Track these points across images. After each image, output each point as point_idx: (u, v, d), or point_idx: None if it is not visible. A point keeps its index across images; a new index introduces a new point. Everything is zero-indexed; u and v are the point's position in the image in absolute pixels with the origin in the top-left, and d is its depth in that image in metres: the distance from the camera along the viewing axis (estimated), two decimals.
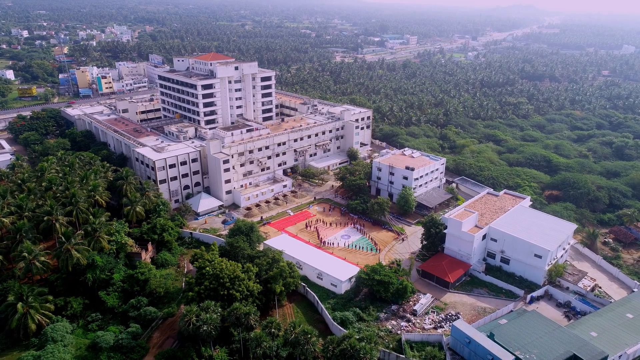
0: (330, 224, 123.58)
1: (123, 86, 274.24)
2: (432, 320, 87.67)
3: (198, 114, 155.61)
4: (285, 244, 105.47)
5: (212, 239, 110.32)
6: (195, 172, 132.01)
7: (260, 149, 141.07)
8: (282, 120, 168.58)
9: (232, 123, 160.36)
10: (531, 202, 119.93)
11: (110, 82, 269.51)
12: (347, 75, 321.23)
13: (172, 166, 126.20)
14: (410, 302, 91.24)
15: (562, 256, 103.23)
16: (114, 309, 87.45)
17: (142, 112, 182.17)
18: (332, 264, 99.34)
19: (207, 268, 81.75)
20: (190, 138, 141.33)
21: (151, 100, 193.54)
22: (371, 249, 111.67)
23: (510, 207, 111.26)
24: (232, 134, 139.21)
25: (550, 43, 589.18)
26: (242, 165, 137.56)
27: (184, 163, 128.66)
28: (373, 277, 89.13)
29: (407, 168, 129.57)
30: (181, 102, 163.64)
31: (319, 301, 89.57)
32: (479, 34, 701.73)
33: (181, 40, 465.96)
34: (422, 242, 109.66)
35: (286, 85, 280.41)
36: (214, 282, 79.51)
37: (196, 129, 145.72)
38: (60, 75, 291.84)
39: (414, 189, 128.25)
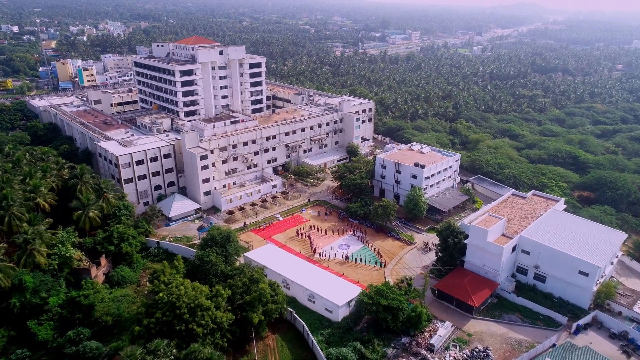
0: (326, 231, 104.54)
1: (107, 79, 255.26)
2: (454, 357, 68.45)
3: (177, 104, 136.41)
4: (270, 256, 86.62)
5: (183, 250, 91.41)
6: (169, 170, 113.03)
7: (245, 144, 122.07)
8: (273, 112, 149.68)
9: (217, 115, 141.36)
10: (565, 206, 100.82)
11: (92, 75, 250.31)
12: (347, 67, 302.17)
13: (139, 162, 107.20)
14: (426, 334, 72.08)
15: (609, 272, 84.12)
16: (46, 343, 68.45)
17: (119, 104, 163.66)
18: (327, 282, 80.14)
19: (161, 294, 62.45)
20: (164, 131, 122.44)
21: (130, 91, 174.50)
22: (375, 262, 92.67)
23: (542, 212, 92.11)
24: (213, 126, 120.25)
25: (557, 39, 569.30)
26: (224, 162, 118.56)
27: (154, 159, 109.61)
28: (378, 302, 69.91)
29: (416, 165, 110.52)
30: (159, 92, 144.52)
31: (309, 332, 70.39)
32: (482, 30, 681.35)
33: (175, 35, 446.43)
34: (436, 254, 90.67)
35: (282, 77, 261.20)
36: (169, 314, 60.23)
37: (172, 121, 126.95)
38: (41, 69, 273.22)
39: (424, 189, 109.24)
